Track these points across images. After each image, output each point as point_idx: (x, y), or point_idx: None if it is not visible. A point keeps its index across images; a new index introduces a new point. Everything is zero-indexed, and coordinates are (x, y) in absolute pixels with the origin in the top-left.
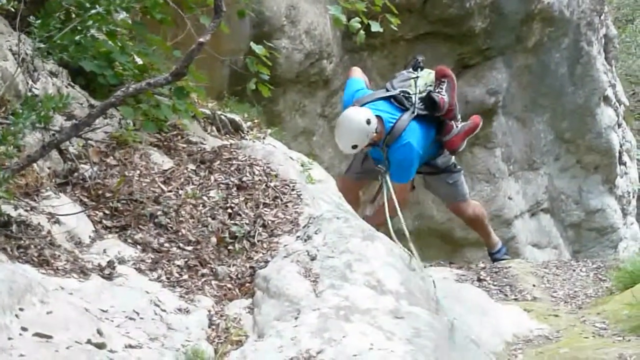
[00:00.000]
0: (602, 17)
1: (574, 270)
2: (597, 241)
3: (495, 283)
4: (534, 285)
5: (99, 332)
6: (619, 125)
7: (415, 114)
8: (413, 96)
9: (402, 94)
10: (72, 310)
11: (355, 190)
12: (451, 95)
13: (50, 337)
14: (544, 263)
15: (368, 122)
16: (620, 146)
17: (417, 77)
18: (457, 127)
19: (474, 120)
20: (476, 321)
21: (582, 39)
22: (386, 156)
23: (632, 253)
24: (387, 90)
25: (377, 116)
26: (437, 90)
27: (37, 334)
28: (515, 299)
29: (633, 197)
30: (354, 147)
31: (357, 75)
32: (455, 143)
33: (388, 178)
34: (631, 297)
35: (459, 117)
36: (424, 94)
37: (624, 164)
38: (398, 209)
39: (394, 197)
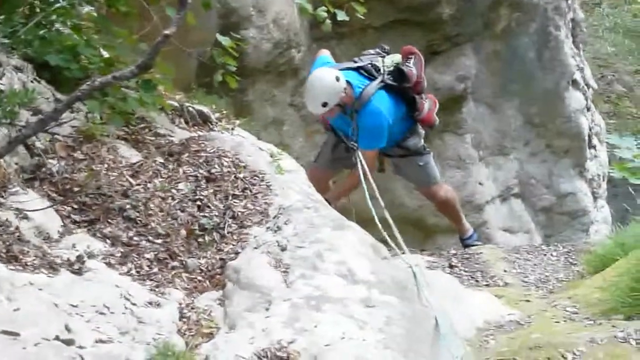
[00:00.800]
0: (569, 2)
1: (545, 255)
2: (569, 225)
3: (466, 269)
4: (505, 271)
5: (67, 328)
6: (588, 109)
7: (384, 83)
8: (381, 68)
9: (370, 65)
10: (40, 306)
11: (325, 179)
12: (419, 68)
13: (17, 334)
14: (515, 248)
15: (337, 79)
16: (590, 130)
17: (384, 56)
18: (426, 103)
19: (431, 97)
20: (447, 308)
21: (550, 24)
22: (355, 123)
23: (603, 236)
24: (355, 62)
25: (347, 81)
26: (405, 64)
27: (3, 332)
28: (487, 285)
29: (603, 180)
30: (324, 104)
31: (325, 54)
32: (431, 117)
33: (360, 153)
34: (602, 280)
35: (424, 95)
36: (392, 68)
37: (594, 147)
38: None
39: (369, 174)
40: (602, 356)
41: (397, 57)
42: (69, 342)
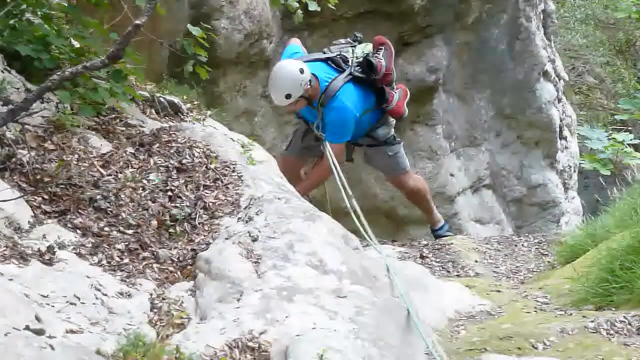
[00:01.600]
0: None
1: (515, 246)
2: (539, 216)
3: (437, 260)
4: (476, 261)
5: (37, 318)
6: (559, 100)
7: (352, 75)
8: (350, 59)
9: (339, 56)
10: (9, 296)
11: (297, 168)
12: (388, 60)
13: None
14: (486, 239)
15: (301, 70)
16: (561, 121)
17: (355, 45)
18: (395, 93)
19: (402, 87)
20: (418, 298)
21: (521, 15)
22: (321, 116)
23: (573, 227)
24: (324, 53)
25: (313, 74)
26: (374, 55)
27: None
28: (458, 275)
29: (574, 171)
30: (288, 96)
31: (296, 43)
32: (401, 108)
33: (328, 144)
34: (572, 271)
35: (394, 85)
36: (361, 59)
37: (565, 138)
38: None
39: (336, 163)
40: (573, 346)
41: (368, 47)
42: (39, 332)
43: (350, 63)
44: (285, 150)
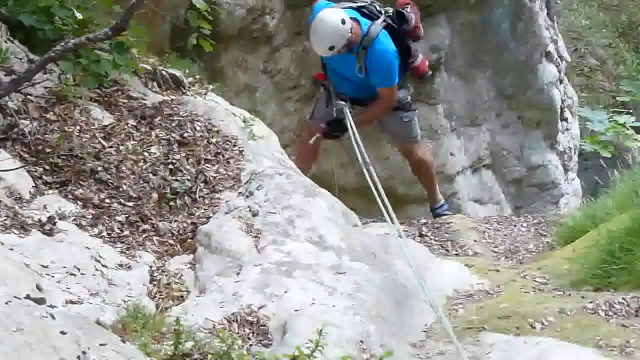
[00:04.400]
0: None
1: (514, 226)
2: (539, 197)
3: (436, 238)
4: (475, 241)
5: (38, 288)
6: (561, 82)
7: (386, 22)
8: (382, 9)
9: (371, 5)
10: (10, 265)
11: (316, 142)
12: (416, 15)
13: None
14: (485, 218)
15: (343, 21)
16: (562, 102)
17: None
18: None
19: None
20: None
21: None
22: (363, 62)
23: (573, 208)
24: (355, 2)
25: (353, 18)
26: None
27: None
28: (457, 254)
29: (574, 153)
30: (331, 48)
31: None
32: (424, 66)
33: (347, 110)
34: (571, 251)
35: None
36: (391, 12)
37: (566, 120)
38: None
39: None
40: (571, 327)
41: (391, 10)
42: (39, 301)
43: (383, 13)
44: (309, 119)
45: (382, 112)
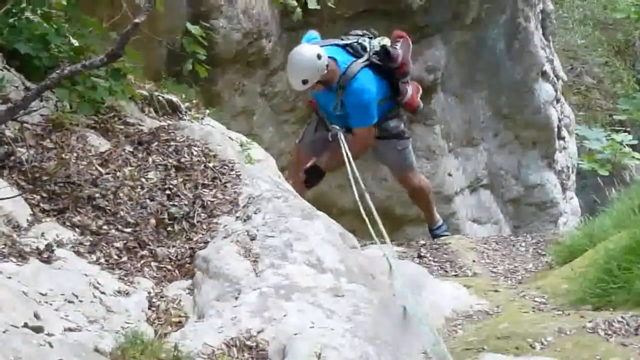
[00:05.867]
0: None
1: (513, 246)
2: (537, 216)
3: (435, 259)
4: (473, 261)
5: (36, 316)
6: (558, 101)
7: (369, 61)
8: (368, 47)
9: (357, 44)
10: (8, 293)
11: (308, 159)
12: (405, 51)
13: None
14: (483, 239)
15: (318, 56)
16: (559, 121)
17: (372, 38)
18: (409, 87)
19: (413, 83)
20: (416, 297)
21: (520, 15)
22: (341, 100)
23: (571, 227)
24: (342, 40)
25: (331, 57)
26: (392, 46)
27: None
28: (456, 275)
29: (572, 171)
30: (304, 82)
31: (313, 31)
32: (414, 101)
33: (342, 136)
34: (570, 271)
35: (408, 80)
36: (379, 49)
37: (563, 138)
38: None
39: (349, 155)
40: (570, 346)
41: (385, 40)
42: (37, 330)
43: (368, 50)
44: (299, 142)
45: (359, 151)
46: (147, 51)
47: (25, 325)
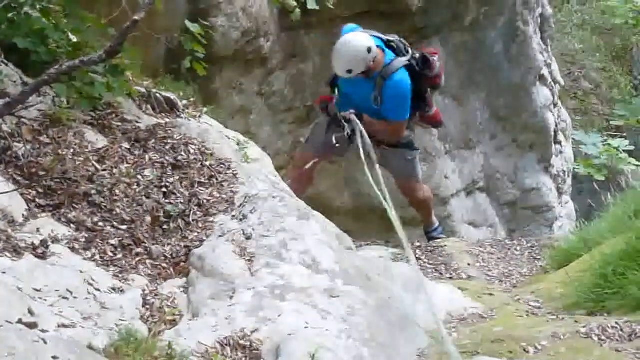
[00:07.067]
0: None
1: (508, 249)
2: (533, 220)
3: (430, 262)
4: (469, 264)
5: (31, 312)
6: (555, 105)
7: (410, 63)
8: (410, 49)
9: (400, 42)
10: (2, 289)
11: (312, 167)
12: (441, 65)
13: None
14: (479, 242)
15: (369, 50)
16: (556, 125)
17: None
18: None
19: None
20: (410, 299)
21: (518, 18)
22: (380, 90)
23: (567, 232)
24: (385, 35)
25: (379, 47)
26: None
27: None
28: (450, 278)
29: (568, 176)
30: (349, 71)
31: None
32: (439, 115)
33: (359, 137)
34: (565, 275)
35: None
36: (418, 54)
37: (560, 143)
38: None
39: (373, 156)
40: (564, 351)
41: (417, 53)
42: (32, 326)
43: (410, 53)
44: (305, 144)
45: (385, 135)
46: (145, 48)
47: (20, 321)
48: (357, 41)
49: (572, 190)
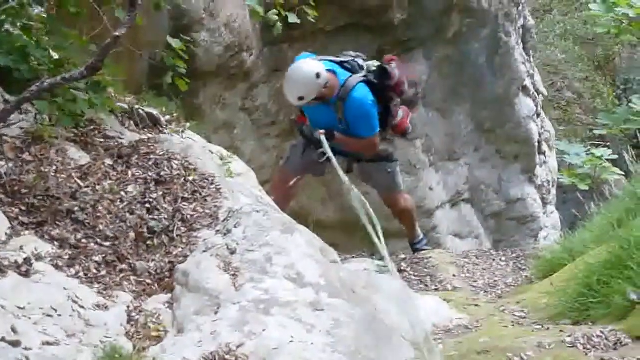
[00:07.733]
0: (520, 8)
1: (493, 260)
2: (518, 230)
3: (415, 274)
4: (454, 275)
5: (14, 330)
6: (538, 115)
7: (366, 77)
8: (364, 65)
9: (353, 61)
10: None
11: (294, 184)
12: (401, 70)
13: None
14: (464, 253)
15: (317, 75)
16: (540, 136)
17: (365, 60)
18: (399, 110)
19: (403, 108)
20: (395, 311)
21: (501, 30)
22: (342, 112)
23: (551, 242)
24: (338, 57)
25: (331, 70)
26: (388, 64)
27: None
28: (436, 289)
29: (552, 186)
30: (301, 98)
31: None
32: (405, 123)
33: (334, 161)
34: (550, 285)
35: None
36: (375, 68)
37: (544, 153)
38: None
39: (345, 177)
40: None
41: (376, 63)
42: (15, 344)
43: (365, 69)
44: (284, 164)
45: (361, 150)
46: (128, 64)
47: (3, 340)
48: (305, 68)
49: (556, 200)
